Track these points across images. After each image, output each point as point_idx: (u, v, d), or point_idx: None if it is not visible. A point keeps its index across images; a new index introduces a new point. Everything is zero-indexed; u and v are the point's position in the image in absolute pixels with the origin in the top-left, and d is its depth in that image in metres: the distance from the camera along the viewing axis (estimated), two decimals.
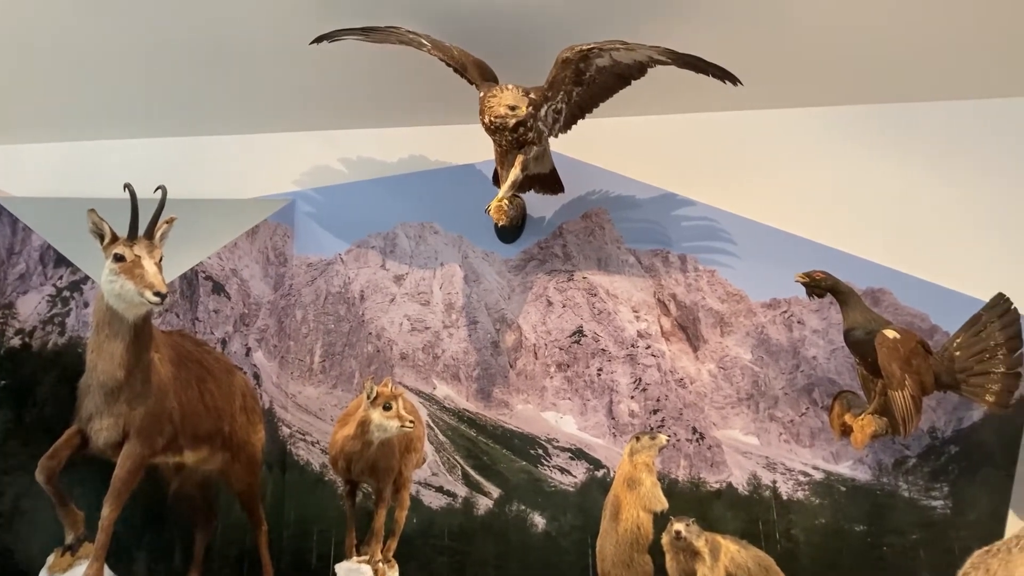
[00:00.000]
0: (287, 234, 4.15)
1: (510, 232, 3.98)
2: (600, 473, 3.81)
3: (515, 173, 3.48)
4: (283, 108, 4.11)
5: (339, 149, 4.20)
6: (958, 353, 3.25)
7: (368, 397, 2.95)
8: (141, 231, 2.86)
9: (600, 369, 3.91)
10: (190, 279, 3.76)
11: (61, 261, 4.02)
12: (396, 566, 3.17)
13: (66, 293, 4.04)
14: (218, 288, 3.81)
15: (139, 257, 2.79)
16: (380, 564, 3.08)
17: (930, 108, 3.72)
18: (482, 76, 3.42)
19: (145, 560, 3.57)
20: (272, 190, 4.18)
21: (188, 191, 4.02)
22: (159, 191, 2.91)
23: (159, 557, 3.62)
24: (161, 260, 2.86)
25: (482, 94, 3.36)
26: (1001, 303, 3.26)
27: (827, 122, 3.81)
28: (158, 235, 2.90)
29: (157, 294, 2.74)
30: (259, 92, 4.01)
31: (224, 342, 3.80)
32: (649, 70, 3.36)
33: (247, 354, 3.93)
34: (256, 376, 3.94)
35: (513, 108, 3.29)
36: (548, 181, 3.81)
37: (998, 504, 3.43)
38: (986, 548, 2.79)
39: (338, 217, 4.16)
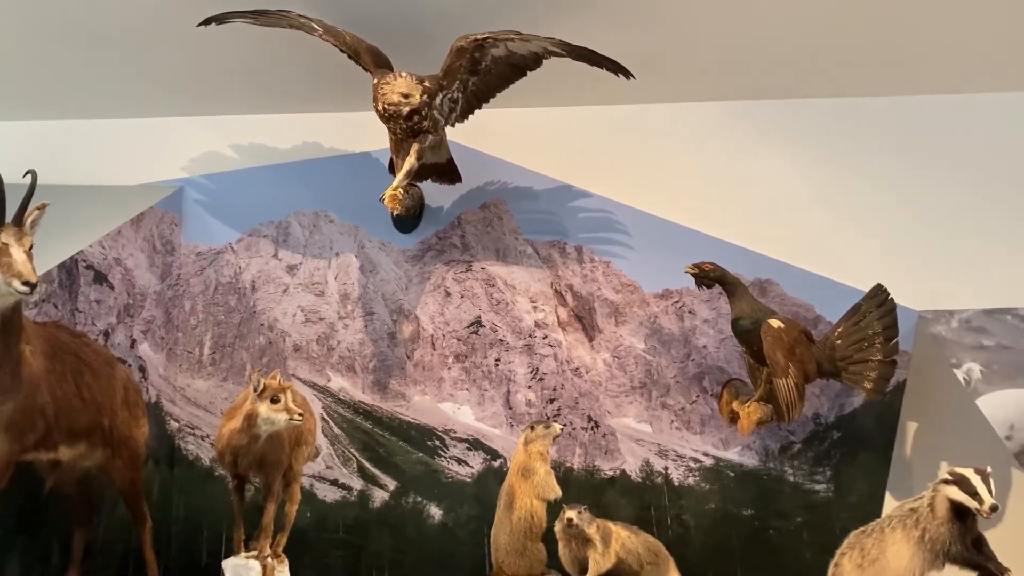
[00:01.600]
0: (175, 222, 4.01)
1: (407, 222, 3.94)
2: (497, 463, 3.82)
3: (410, 162, 3.45)
4: (171, 92, 3.97)
5: (230, 135, 4.08)
6: (839, 342, 3.37)
7: (255, 390, 2.88)
8: (9, 217, 2.71)
9: (498, 359, 3.91)
10: (69, 268, 3.59)
11: None
12: (286, 561, 3.11)
13: None
14: (100, 278, 3.65)
15: (6, 245, 2.63)
16: (269, 559, 3.02)
17: (813, 104, 3.85)
18: (376, 63, 3.37)
19: (19, 561, 3.39)
20: (159, 176, 4.03)
21: (68, 176, 3.85)
22: (28, 175, 2.76)
23: (35, 557, 3.45)
24: (31, 248, 2.71)
25: (375, 81, 3.31)
26: (879, 294, 3.38)
27: (718, 117, 3.89)
28: (28, 222, 2.74)
29: (26, 283, 2.59)
30: (145, 74, 3.85)
31: (107, 333, 3.66)
32: (545, 62, 3.37)
33: (132, 346, 3.79)
34: (142, 369, 3.81)
35: (407, 96, 3.25)
36: (445, 171, 3.78)
37: (876, 486, 3.58)
38: (861, 529, 2.92)
39: (229, 205, 4.04)
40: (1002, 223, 3.67)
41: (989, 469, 2.72)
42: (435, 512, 3.82)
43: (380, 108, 3.31)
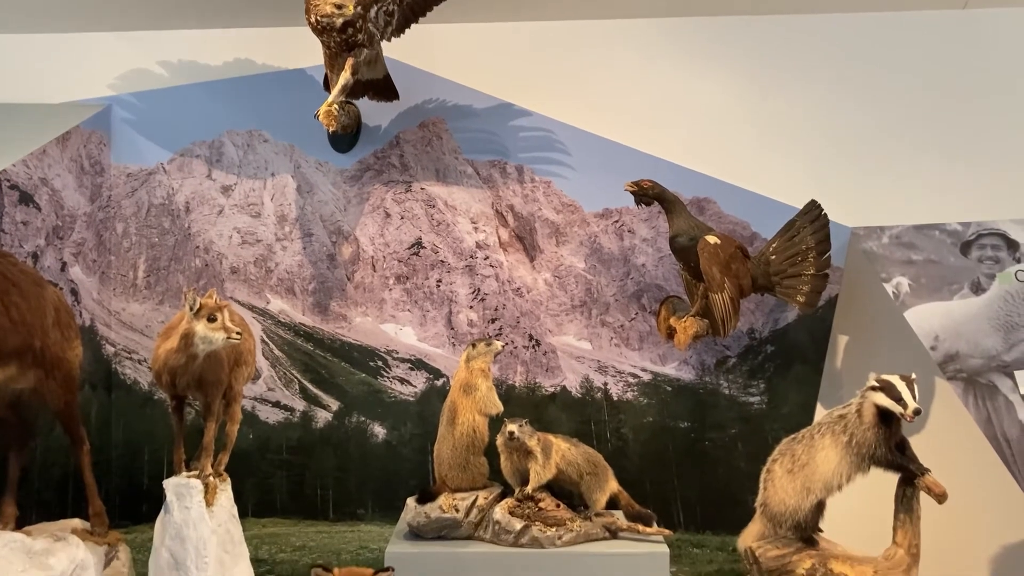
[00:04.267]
0: (103, 141, 3.88)
1: (344, 141, 3.87)
2: (440, 382, 3.86)
3: (345, 77, 3.37)
4: (95, 5, 3.79)
5: (158, 51, 3.93)
6: (773, 257, 3.43)
7: (191, 309, 2.83)
8: None
9: (439, 280, 3.91)
10: None
11: None
12: (228, 480, 3.10)
13: None
14: (26, 198, 3.53)
15: None
16: (211, 478, 3.00)
17: (750, 22, 3.84)
18: None
19: None
20: (85, 94, 3.87)
21: None
22: None
23: None
24: None
25: None
26: (813, 209, 3.45)
27: (657, 34, 3.87)
28: None
29: None
30: None
31: (36, 256, 3.55)
32: None
33: (63, 269, 3.69)
34: (74, 292, 3.72)
35: (340, 7, 3.16)
36: (382, 87, 3.71)
37: (808, 397, 3.71)
38: (792, 436, 3.02)
39: (159, 124, 3.92)
40: (933, 142, 3.75)
41: (914, 375, 2.82)
42: (378, 431, 3.85)
43: (313, 20, 3.22)
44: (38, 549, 2.81)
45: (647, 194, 3.44)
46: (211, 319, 2.84)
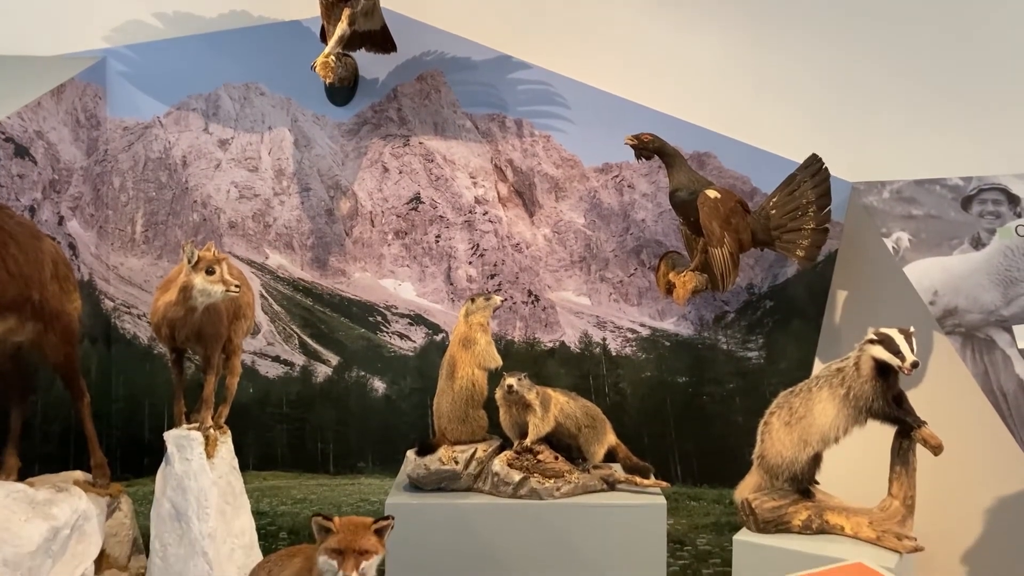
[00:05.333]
0: (99, 94, 3.83)
1: (341, 94, 3.83)
2: (439, 337, 3.86)
3: (342, 27, 3.34)
4: None
5: (153, 3, 3.86)
6: (774, 211, 3.42)
7: (189, 261, 2.82)
8: None
9: (438, 236, 3.90)
10: None
11: None
12: (228, 432, 3.12)
13: None
14: (21, 151, 3.49)
15: None
16: (211, 431, 3.02)
17: None
18: None
19: None
20: (79, 47, 3.81)
21: None
22: None
23: None
24: None
25: None
26: (814, 163, 3.43)
27: None
28: None
29: None
30: None
31: (33, 210, 3.53)
32: None
33: (60, 223, 3.67)
34: (72, 247, 3.70)
35: None
36: (379, 39, 3.67)
37: (806, 352, 3.72)
38: (789, 389, 3.04)
39: (155, 77, 3.86)
40: (935, 96, 3.70)
41: (912, 329, 2.82)
42: (378, 385, 3.87)
43: None
44: (41, 499, 2.84)
45: (647, 148, 3.42)
46: (209, 272, 2.84)
